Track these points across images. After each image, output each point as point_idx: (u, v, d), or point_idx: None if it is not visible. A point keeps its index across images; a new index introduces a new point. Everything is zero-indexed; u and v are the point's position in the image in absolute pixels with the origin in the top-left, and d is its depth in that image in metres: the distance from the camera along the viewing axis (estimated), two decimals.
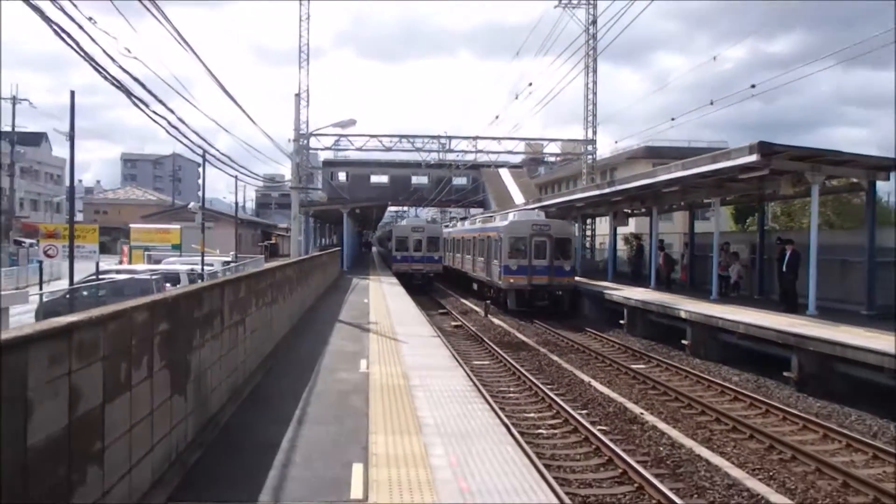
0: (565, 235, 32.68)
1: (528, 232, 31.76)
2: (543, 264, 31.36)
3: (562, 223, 34.79)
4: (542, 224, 32.44)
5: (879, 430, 13.17)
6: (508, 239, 31.86)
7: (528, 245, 31.46)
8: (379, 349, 17.01)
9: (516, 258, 31.49)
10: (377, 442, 9.28)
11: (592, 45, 43.05)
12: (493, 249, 34.11)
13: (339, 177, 74.22)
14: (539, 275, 31.31)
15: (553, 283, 31.31)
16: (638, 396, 15.90)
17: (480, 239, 37.84)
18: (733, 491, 9.85)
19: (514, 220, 33.34)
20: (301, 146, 34.36)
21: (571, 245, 32.88)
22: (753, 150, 18.35)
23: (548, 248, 31.47)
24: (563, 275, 31.47)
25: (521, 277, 31.27)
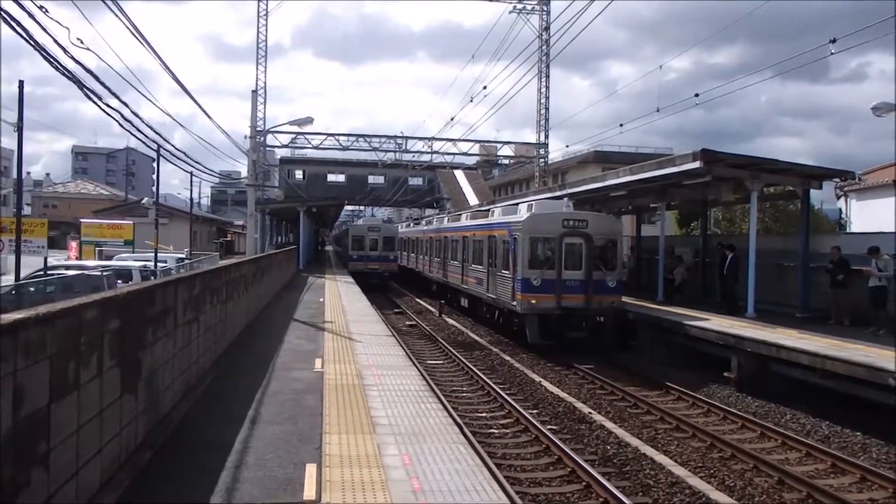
0: (610, 235, 22.67)
1: (556, 230, 21.83)
2: (578, 278, 21.68)
3: (604, 218, 24.60)
4: (577, 219, 22.30)
5: (812, 429, 13.66)
6: (528, 240, 22.01)
7: (557, 249, 21.70)
8: (334, 348, 17.03)
9: (539, 268, 21.78)
10: (331, 442, 9.35)
11: (545, 51, 43.49)
12: (498, 255, 24.58)
13: (295, 175, 73.79)
14: (572, 293, 21.56)
15: (592, 306, 21.62)
16: (586, 396, 16.21)
17: (477, 239, 28.29)
18: (676, 489, 10.15)
19: (537, 214, 22.88)
20: (258, 143, 34.07)
21: (618, 250, 22.86)
22: (697, 157, 18.85)
23: (584, 254, 21.82)
24: (606, 292, 21.79)
25: (546, 297, 21.47)
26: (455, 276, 32.57)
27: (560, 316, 21.64)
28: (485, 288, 26.48)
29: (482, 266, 26.92)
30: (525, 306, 21.78)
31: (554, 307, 21.54)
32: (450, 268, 33.97)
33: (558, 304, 21.53)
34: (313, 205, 50.74)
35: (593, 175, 33.68)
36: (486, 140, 54.53)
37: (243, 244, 44.48)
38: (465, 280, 30.42)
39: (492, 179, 77.35)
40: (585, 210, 25.62)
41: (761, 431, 13.34)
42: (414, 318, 30.38)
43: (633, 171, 23.25)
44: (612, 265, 22.36)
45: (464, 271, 30.39)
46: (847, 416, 13.85)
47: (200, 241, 60.28)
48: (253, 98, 32.84)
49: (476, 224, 29.67)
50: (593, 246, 21.93)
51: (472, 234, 29.29)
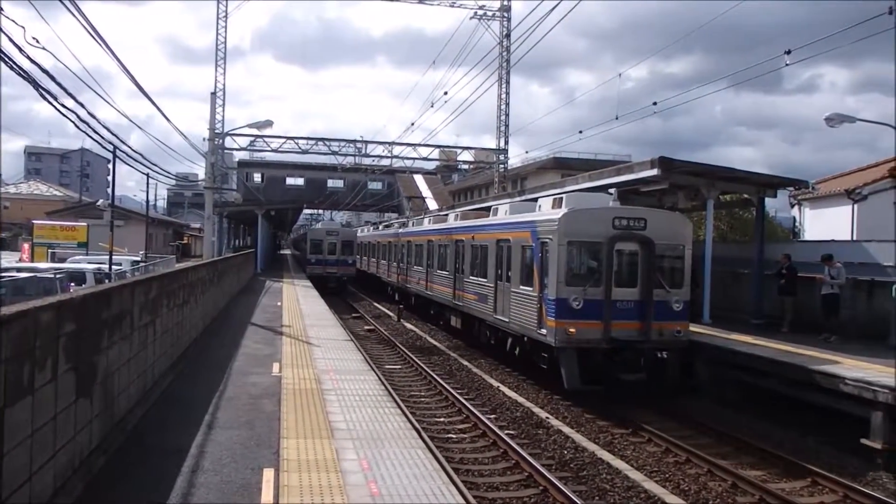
0: (675, 240, 16.88)
1: (604, 232, 16.10)
2: (633, 298, 16.20)
3: (668, 217, 18.11)
4: (632, 217, 16.47)
5: (765, 434, 13.95)
6: (566, 246, 16.12)
7: (607, 259, 16.03)
8: (292, 352, 16.95)
9: (580, 285, 15.96)
10: (288, 446, 9.32)
11: (506, 58, 43.80)
12: (513, 266, 18.95)
13: (254, 178, 73.10)
14: (625, 319, 16.05)
15: (652, 336, 16.01)
16: (544, 401, 16.34)
17: (478, 245, 22.60)
18: (632, 493, 10.31)
19: (578, 210, 16.75)
20: (216, 146, 33.72)
21: (685, 260, 16.90)
22: (654, 164, 19.15)
23: (642, 266, 16.34)
24: (669, 318, 16.27)
25: (589, 324, 15.78)
26: (443, 290, 26.60)
27: (608, 351, 15.77)
28: (491, 308, 20.45)
29: (486, 279, 21.12)
30: (560, 337, 15.61)
31: (600, 338, 15.60)
32: (436, 279, 28.11)
33: (607, 334, 15.60)
34: (271, 208, 50.44)
35: (552, 181, 33.92)
36: (446, 145, 54.51)
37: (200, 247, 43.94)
38: (458, 295, 24.43)
39: (451, 184, 77.59)
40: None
41: (716, 436, 13.59)
42: (372, 323, 30.31)
43: (592, 178, 23.51)
44: (679, 281, 16.59)
45: (457, 284, 24.64)
46: (799, 422, 14.17)
47: (156, 243, 59.37)
48: (212, 100, 32.54)
49: (475, 225, 23.88)
50: (654, 255, 16.22)
51: (470, 237, 23.52)
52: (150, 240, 50.03)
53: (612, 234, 16.03)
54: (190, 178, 70.16)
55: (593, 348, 15.81)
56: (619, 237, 16.12)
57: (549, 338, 16.08)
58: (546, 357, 16.74)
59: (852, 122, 21.20)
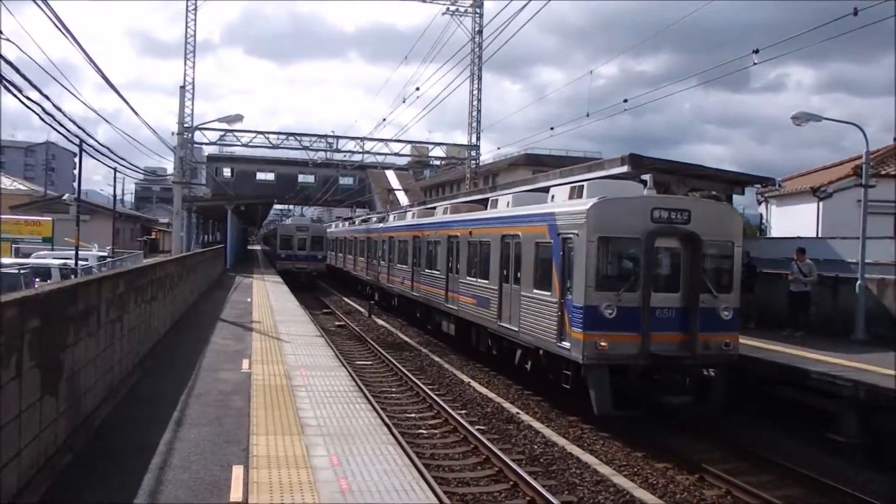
0: (725, 236, 14.39)
1: (642, 226, 13.58)
2: (674, 305, 13.77)
3: (715, 207, 15.89)
4: (675, 208, 14.00)
5: (731, 430, 14.08)
6: (596, 243, 13.54)
7: (645, 258, 13.49)
8: (262, 348, 16.87)
9: (613, 289, 13.46)
10: (258, 443, 9.29)
11: (478, 54, 43.92)
12: (525, 267, 16.36)
13: (223, 173, 72.35)
14: (666, 330, 13.57)
15: (698, 350, 13.52)
16: (514, 397, 16.42)
17: (476, 241, 20.08)
18: (601, 487, 10.39)
19: (611, 200, 14.10)
20: (185, 140, 33.38)
21: (735, 259, 14.51)
22: (625, 161, 19.32)
23: (686, 266, 13.93)
24: (717, 328, 13.83)
25: (625, 337, 13.33)
26: (433, 291, 24.19)
27: (647, 368, 13.39)
28: (494, 314, 17.97)
29: (488, 281, 18.62)
30: (590, 352, 13.08)
31: (637, 354, 13.18)
32: (423, 279, 25.55)
33: (645, 348, 13.15)
34: (241, 203, 50.06)
35: (524, 177, 34.04)
36: (418, 141, 54.60)
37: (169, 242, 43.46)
38: (452, 298, 21.98)
39: (423, 180, 77.50)
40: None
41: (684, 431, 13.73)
42: (343, 319, 30.23)
43: (564, 175, 23.65)
44: (727, 284, 14.17)
45: (450, 286, 22.21)
46: (764, 417, 14.39)
47: (124, 238, 58.55)
48: (181, 94, 32.19)
49: (472, 219, 21.24)
50: (701, 253, 13.79)
51: (466, 232, 20.87)
52: (117, 235, 49.36)
53: (652, 229, 13.45)
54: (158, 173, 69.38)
55: (629, 365, 13.30)
56: (659, 232, 13.54)
57: (575, 353, 13.43)
58: (569, 375, 13.94)
59: (818, 121, 21.47)
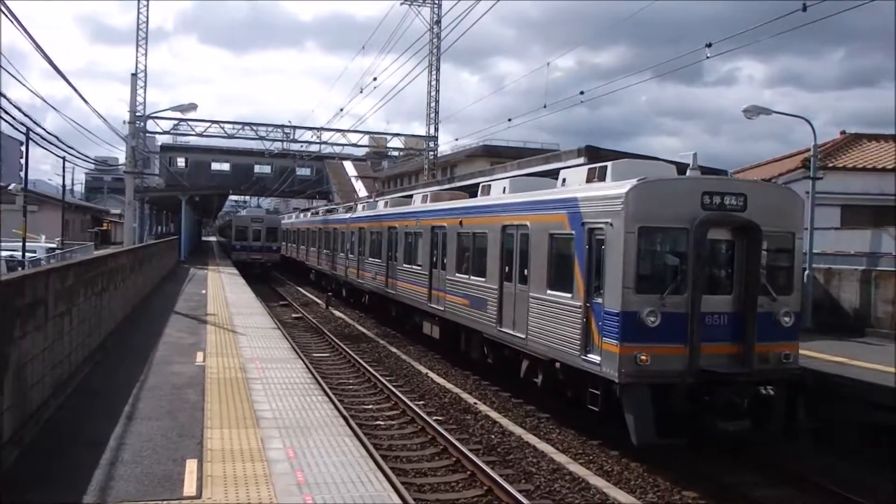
0: (783, 226, 12.06)
1: (690, 213, 11.17)
2: (724, 309, 11.50)
3: (774, 191, 14.14)
4: (728, 192, 11.51)
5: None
6: (636, 235, 11.06)
7: (695, 253, 11.09)
8: (216, 341, 16.68)
9: (656, 292, 11.08)
10: (213, 436, 9.18)
11: (436, 45, 43.77)
12: (534, 264, 13.93)
13: (177, 162, 71.12)
14: (715, 339, 11.29)
15: (755, 365, 11.29)
16: (472, 387, 16.48)
17: (469, 233, 17.71)
18: (557, 475, 10.49)
19: (653, 183, 11.59)
20: (137, 129, 32.70)
21: (796, 256, 12.45)
22: (581, 153, 19.48)
23: (741, 263, 11.63)
24: (776, 337, 11.66)
25: (670, 349, 10.97)
26: (413, 289, 21.76)
27: (696, 387, 11.05)
28: (493, 317, 15.62)
29: (484, 279, 16.23)
30: (628, 368, 10.77)
31: (684, 370, 10.89)
32: (400, 275, 23.15)
33: (694, 362, 10.87)
34: (196, 194, 49.41)
35: (482, 168, 34.09)
36: (376, 132, 54.35)
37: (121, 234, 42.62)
38: (437, 297, 19.53)
39: (381, 171, 77.17)
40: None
41: None
42: (300, 311, 30.00)
43: (521, 166, 23.78)
44: (787, 284, 12.03)
45: (434, 283, 19.81)
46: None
47: (74, 230, 57.28)
48: (132, 82, 31.53)
49: (462, 207, 18.82)
50: (760, 247, 11.53)
51: (455, 222, 18.40)
52: (66, 226, 48.24)
53: (703, 217, 11.05)
54: (110, 163, 67.89)
55: (674, 385, 10.97)
56: (711, 221, 11.13)
57: (608, 368, 11.06)
58: (597, 395, 11.60)
59: (768, 115, 21.96)
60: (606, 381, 11.29)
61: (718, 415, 10.99)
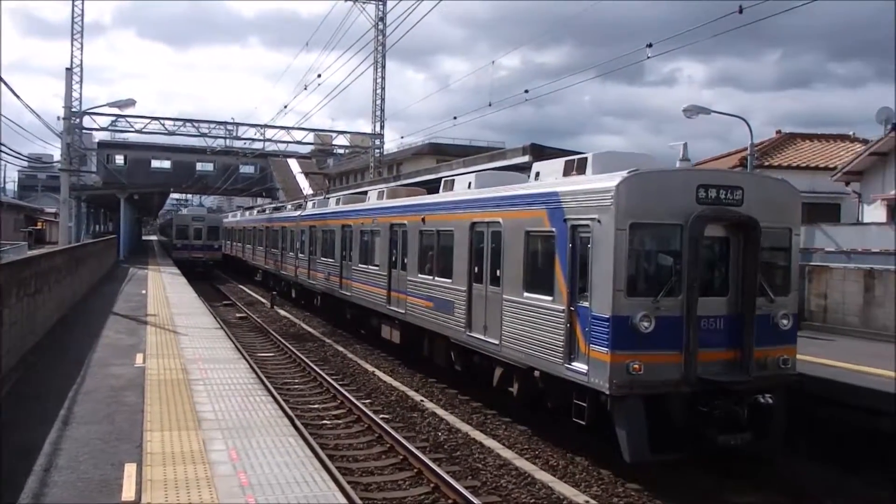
0: (781, 221, 11.31)
1: (685, 208, 10.33)
2: (720, 312, 10.68)
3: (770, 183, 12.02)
4: (724, 185, 10.68)
5: None
6: (628, 232, 10.11)
7: (690, 251, 10.24)
8: (157, 342, 16.35)
9: (649, 294, 10.23)
10: (153, 439, 8.99)
11: (381, 42, 43.59)
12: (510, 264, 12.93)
13: (115, 160, 69.47)
14: (712, 345, 10.48)
15: (753, 371, 10.55)
16: (419, 385, 16.45)
17: (429, 232, 16.68)
18: (504, 471, 10.54)
19: (646, 175, 10.58)
20: (73, 125, 31.82)
21: (793, 253, 11.61)
22: (526, 151, 19.70)
23: (736, 262, 10.85)
24: (772, 340, 10.93)
25: (665, 356, 10.16)
26: (370, 290, 20.53)
27: (693, 397, 10.33)
28: (461, 321, 14.57)
29: (451, 280, 15.18)
30: (620, 378, 9.90)
31: (680, 378, 10.16)
32: (356, 275, 21.91)
33: (690, 370, 10.14)
34: (135, 192, 48.38)
35: (428, 167, 34.09)
36: (321, 129, 53.87)
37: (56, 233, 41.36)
38: (396, 299, 18.33)
39: (327, 169, 76.63)
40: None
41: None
42: (244, 310, 29.55)
43: (467, 164, 23.88)
44: (785, 284, 11.42)
45: (393, 284, 18.65)
46: None
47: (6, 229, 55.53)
48: (67, 77, 30.65)
49: (424, 204, 17.84)
50: (758, 245, 10.72)
51: (417, 219, 17.19)
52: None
53: (699, 213, 10.27)
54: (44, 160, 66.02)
55: (670, 395, 10.25)
56: (707, 217, 10.36)
57: (597, 378, 10.17)
58: (584, 408, 10.66)
59: (707, 114, 22.45)
60: (594, 392, 10.38)
61: (718, 427, 10.18)
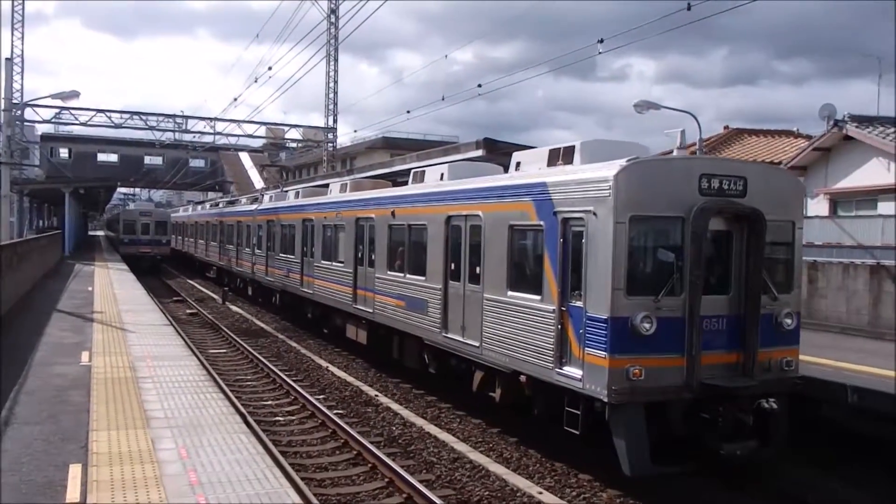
0: (784, 214, 10.48)
1: (687, 200, 9.51)
2: (722, 312, 9.88)
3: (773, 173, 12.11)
4: (728, 175, 9.83)
5: None
6: (626, 227, 9.27)
7: (693, 247, 9.38)
8: (104, 339, 16.00)
9: (649, 293, 9.37)
10: (99, 439, 8.79)
11: (334, 35, 43.21)
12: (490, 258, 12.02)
13: (60, 153, 67.76)
14: (713, 348, 9.70)
15: (757, 375, 9.78)
16: (373, 379, 16.38)
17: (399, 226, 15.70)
18: (458, 464, 10.56)
19: (645, 163, 9.89)
20: (13, 117, 30.91)
21: (796, 248, 10.73)
22: (479, 145, 19.66)
23: (739, 258, 10.02)
24: (775, 341, 10.15)
25: (665, 360, 9.35)
26: (334, 288, 19.45)
27: (694, 403, 9.55)
28: (436, 321, 13.63)
29: (424, 277, 14.26)
30: (620, 385, 9.13)
31: (682, 384, 9.40)
32: (318, 272, 20.95)
33: (693, 375, 9.37)
34: (81, 186, 47.16)
35: (381, 161, 33.90)
36: (273, 122, 53.02)
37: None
38: (363, 298, 17.38)
39: (279, 162, 75.88)
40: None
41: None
42: (195, 307, 29.06)
43: (421, 158, 23.75)
44: (788, 281, 10.68)
45: (359, 282, 17.67)
46: None
47: None
48: (7, 67, 29.82)
49: (393, 196, 16.58)
50: (763, 239, 9.95)
51: (386, 213, 16.21)
52: None
53: (702, 205, 9.48)
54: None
55: (671, 403, 9.50)
56: (712, 209, 9.58)
57: (593, 385, 9.38)
58: (578, 416, 9.85)
59: (658, 110, 22.79)
60: (589, 399, 9.62)
61: (722, 435, 9.43)
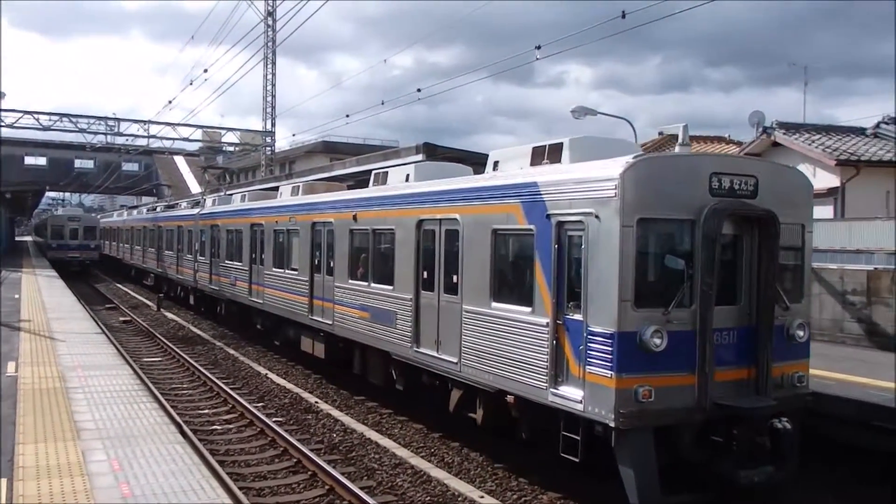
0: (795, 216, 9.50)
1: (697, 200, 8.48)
2: (732, 324, 8.89)
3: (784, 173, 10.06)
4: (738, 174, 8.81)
5: None
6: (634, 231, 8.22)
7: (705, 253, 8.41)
8: (32, 349, 15.51)
9: (658, 305, 8.30)
10: (26, 452, 8.52)
11: (271, 37, 42.71)
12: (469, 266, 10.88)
13: None
14: (724, 364, 8.62)
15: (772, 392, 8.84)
16: (313, 386, 16.21)
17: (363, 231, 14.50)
18: (399, 469, 10.51)
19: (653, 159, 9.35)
20: None
21: (806, 253, 9.79)
22: (419, 150, 19.67)
23: (750, 264, 9.04)
24: (787, 355, 9.19)
25: (676, 378, 8.27)
26: (287, 297, 18.18)
27: (705, 425, 8.62)
28: (408, 334, 12.44)
29: (392, 287, 13.10)
30: (628, 408, 8.12)
31: (693, 405, 8.43)
32: (268, 280, 19.54)
33: (704, 395, 8.41)
34: (6, 190, 45.61)
35: (321, 165, 33.62)
36: (209, 126, 52.19)
37: None
38: (320, 308, 16.18)
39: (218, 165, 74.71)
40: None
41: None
42: (129, 314, 28.32)
43: (361, 162, 23.64)
44: (798, 289, 9.81)
45: (316, 291, 16.44)
46: None
47: None
48: None
49: (356, 199, 15.26)
50: (776, 244, 9.06)
51: (348, 217, 14.94)
52: None
53: (714, 206, 8.54)
54: None
55: (681, 426, 8.53)
56: (725, 211, 8.62)
57: (597, 408, 8.37)
58: (577, 442, 8.81)
59: (594, 115, 23.17)
60: (588, 423, 8.62)
61: (737, 461, 8.47)
